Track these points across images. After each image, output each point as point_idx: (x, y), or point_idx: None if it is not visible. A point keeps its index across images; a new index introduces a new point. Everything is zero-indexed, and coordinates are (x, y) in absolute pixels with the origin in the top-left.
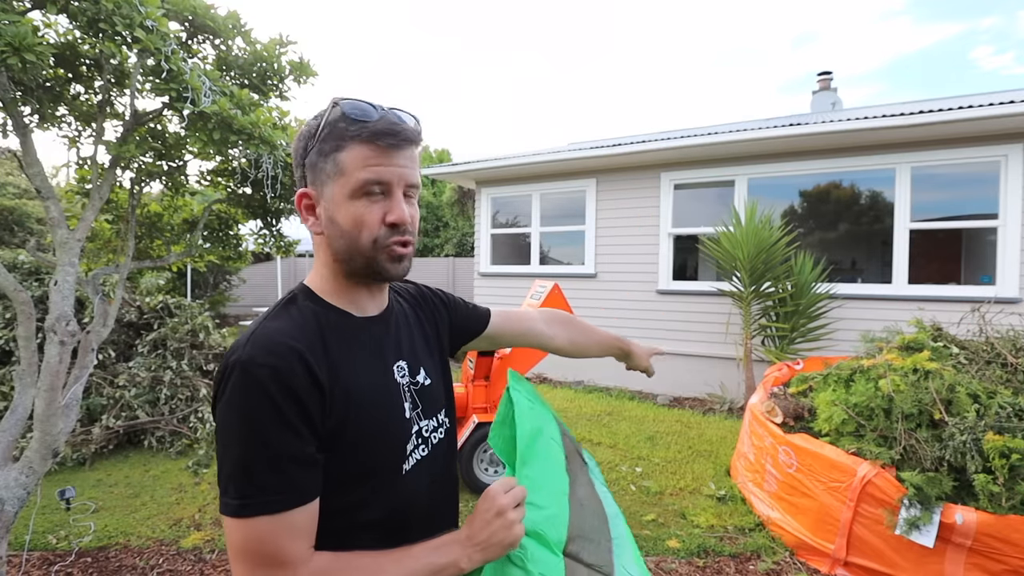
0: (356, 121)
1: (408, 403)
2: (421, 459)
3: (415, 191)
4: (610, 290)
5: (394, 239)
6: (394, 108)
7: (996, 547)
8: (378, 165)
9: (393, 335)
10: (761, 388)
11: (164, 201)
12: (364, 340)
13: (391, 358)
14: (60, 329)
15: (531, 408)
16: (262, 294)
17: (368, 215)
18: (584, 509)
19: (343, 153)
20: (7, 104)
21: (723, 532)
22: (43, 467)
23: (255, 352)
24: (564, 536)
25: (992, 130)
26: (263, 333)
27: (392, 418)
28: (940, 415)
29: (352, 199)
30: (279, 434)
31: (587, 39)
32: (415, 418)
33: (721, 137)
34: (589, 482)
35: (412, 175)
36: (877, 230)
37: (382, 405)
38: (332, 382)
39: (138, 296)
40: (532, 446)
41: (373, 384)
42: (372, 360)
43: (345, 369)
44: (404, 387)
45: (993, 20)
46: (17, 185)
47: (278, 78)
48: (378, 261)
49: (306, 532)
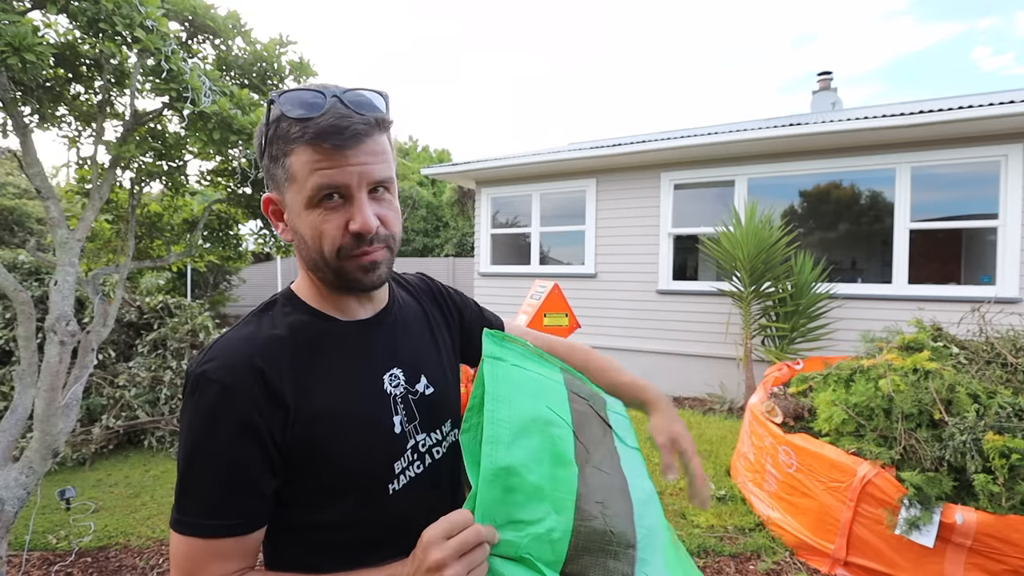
0: (297, 121)
1: (400, 416)
2: (416, 476)
3: (386, 186)
4: (610, 290)
5: (361, 249)
6: (351, 89)
7: (996, 547)
8: (329, 168)
9: (387, 339)
10: (761, 388)
11: (164, 201)
12: (349, 348)
13: (382, 366)
14: (60, 329)
15: (522, 378)
16: (262, 294)
17: (327, 225)
18: (598, 508)
19: (291, 158)
20: (7, 104)
21: (723, 532)
22: (43, 467)
23: (210, 366)
24: (563, 553)
25: (992, 130)
26: (225, 343)
27: (374, 434)
28: (940, 415)
29: (309, 208)
30: (218, 459)
31: (587, 39)
32: (409, 432)
33: (721, 137)
34: (612, 455)
35: (376, 171)
36: (877, 230)
37: (362, 420)
38: (299, 398)
39: (138, 296)
40: (519, 441)
41: (352, 397)
42: (355, 370)
43: (318, 382)
44: (396, 398)
45: (992, 21)
46: (17, 185)
47: (278, 78)
48: (346, 272)
49: (237, 556)
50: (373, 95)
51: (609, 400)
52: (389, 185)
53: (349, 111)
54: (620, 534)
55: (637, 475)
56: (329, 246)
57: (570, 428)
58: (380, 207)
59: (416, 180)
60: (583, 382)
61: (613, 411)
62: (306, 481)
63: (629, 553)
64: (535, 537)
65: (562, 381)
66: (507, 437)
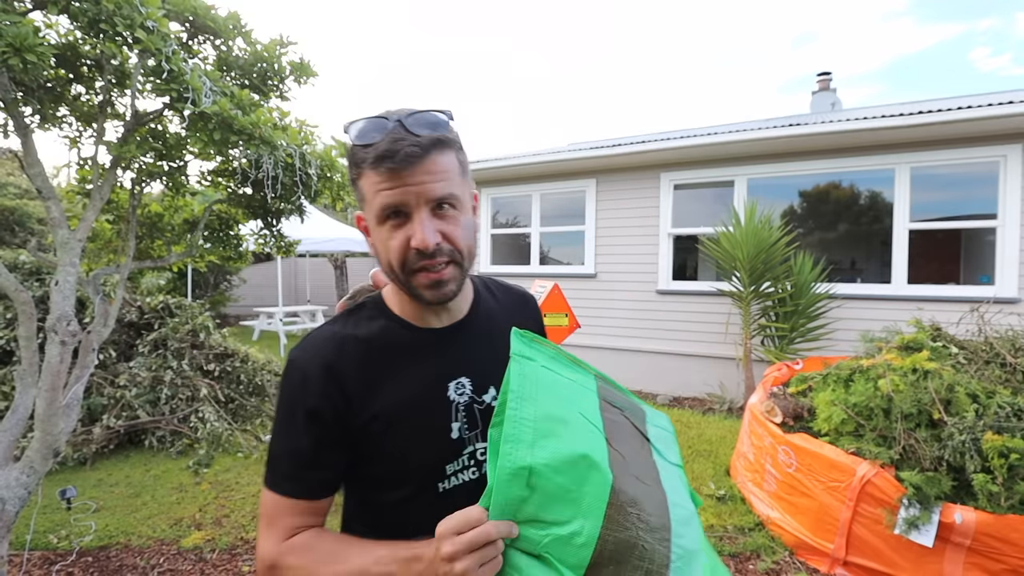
0: (363, 147)
1: (460, 423)
2: (469, 481)
3: (450, 203)
4: (610, 290)
5: (422, 263)
6: (414, 112)
7: (995, 546)
8: (389, 189)
9: (460, 350)
10: (761, 388)
11: (165, 201)
12: (418, 355)
13: (448, 374)
14: (61, 329)
15: (551, 380)
16: (262, 294)
17: (392, 241)
18: (631, 519)
19: (361, 181)
20: (8, 104)
21: (723, 532)
22: (44, 467)
23: (299, 354)
24: (587, 560)
25: (991, 130)
26: (313, 337)
27: (429, 435)
28: (939, 415)
29: (379, 225)
30: (292, 432)
31: (587, 39)
32: (469, 439)
33: (721, 137)
34: (651, 468)
35: (434, 189)
36: (876, 230)
37: (419, 422)
38: (363, 395)
39: (139, 296)
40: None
41: (412, 401)
42: (419, 376)
43: (382, 383)
44: (459, 405)
45: (991, 22)
46: (18, 185)
47: (278, 78)
48: (412, 287)
49: (306, 514)
50: (435, 116)
51: (650, 413)
52: (453, 201)
53: (407, 134)
54: (651, 551)
55: (677, 492)
56: (395, 260)
57: (602, 434)
58: (444, 223)
59: None
60: (621, 392)
61: (654, 424)
62: (365, 468)
63: (661, 573)
64: (556, 538)
65: (595, 388)
66: (529, 437)
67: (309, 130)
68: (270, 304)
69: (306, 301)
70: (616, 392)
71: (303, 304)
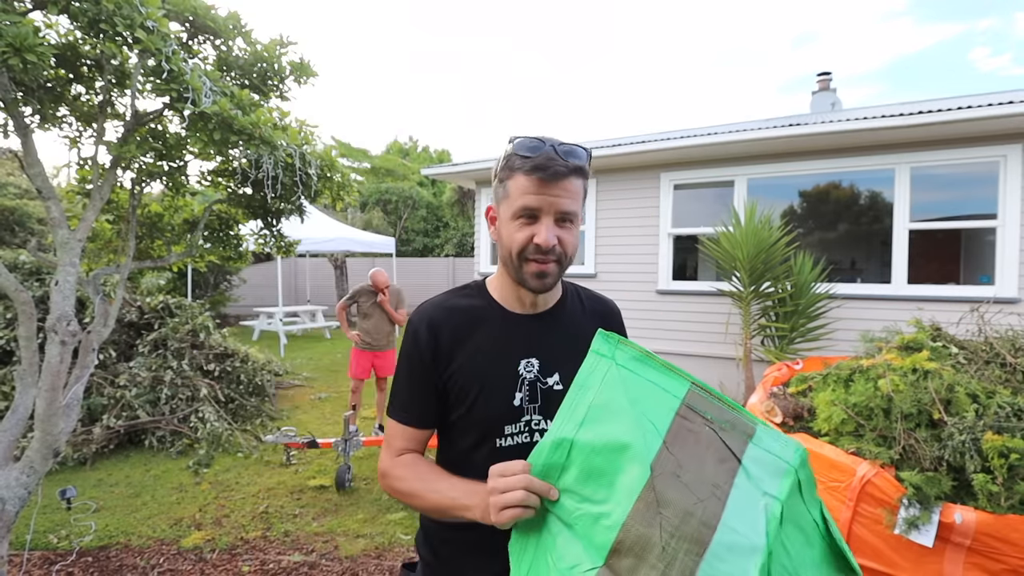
0: (522, 157)
1: (523, 394)
2: (522, 444)
3: (570, 218)
4: (610, 290)
5: (536, 256)
6: (564, 144)
7: (995, 546)
8: (533, 194)
9: (536, 335)
10: (760, 388)
11: (165, 201)
12: (501, 330)
13: (522, 352)
14: (61, 329)
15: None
16: (262, 294)
17: (519, 234)
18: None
19: (510, 182)
20: (8, 104)
21: None
22: (44, 467)
23: (415, 316)
24: (610, 543)
25: (991, 130)
26: (432, 302)
27: (494, 399)
28: (939, 415)
29: (512, 219)
30: (404, 375)
31: (587, 39)
32: (528, 409)
33: (721, 137)
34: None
35: (564, 204)
36: (876, 230)
37: (489, 384)
38: (451, 353)
39: (139, 296)
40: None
41: (486, 367)
42: (497, 348)
43: (467, 347)
44: (524, 380)
45: (990, 22)
46: (18, 185)
47: (278, 78)
48: (522, 273)
49: (412, 441)
50: (579, 149)
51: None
52: (573, 218)
53: (557, 157)
54: (673, 556)
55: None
56: (517, 248)
57: (660, 435)
58: (561, 231)
59: (416, 180)
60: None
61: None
62: (447, 413)
63: None
64: (587, 515)
65: (681, 395)
66: (579, 418)
67: (309, 130)
68: (270, 304)
69: (306, 301)
70: (717, 405)
71: (303, 304)
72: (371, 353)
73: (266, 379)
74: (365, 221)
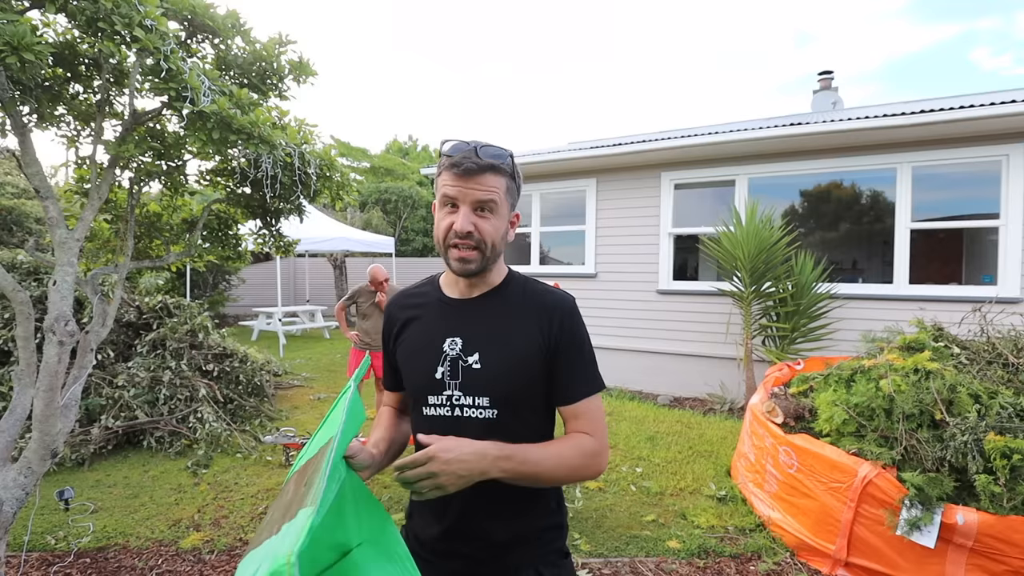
0: (446, 156)
1: (444, 368)
2: (441, 415)
3: (487, 207)
4: (610, 290)
5: (455, 242)
6: (486, 146)
7: (997, 548)
8: (451, 186)
9: (463, 317)
10: (762, 388)
11: (163, 201)
12: (435, 313)
13: (446, 332)
14: (59, 329)
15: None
16: (261, 294)
17: (443, 222)
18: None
19: (438, 178)
20: (6, 103)
21: (724, 533)
22: (42, 467)
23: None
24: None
25: (993, 130)
26: (397, 292)
27: (419, 371)
28: (941, 415)
29: (439, 209)
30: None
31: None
32: (449, 384)
33: (721, 137)
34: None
35: (478, 195)
36: (878, 230)
37: (415, 357)
38: (399, 330)
39: (137, 296)
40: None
41: (417, 342)
42: (429, 327)
43: (411, 327)
44: (447, 357)
45: (991, 21)
46: (16, 185)
47: (277, 77)
48: (447, 258)
49: (388, 398)
50: (498, 149)
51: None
52: (491, 207)
53: (473, 155)
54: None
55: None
56: (441, 235)
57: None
58: (479, 220)
59: (416, 179)
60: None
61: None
62: (401, 382)
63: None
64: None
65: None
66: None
67: (308, 129)
68: (269, 304)
69: (305, 301)
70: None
71: (302, 304)
72: (370, 353)
73: (265, 379)
74: (364, 221)
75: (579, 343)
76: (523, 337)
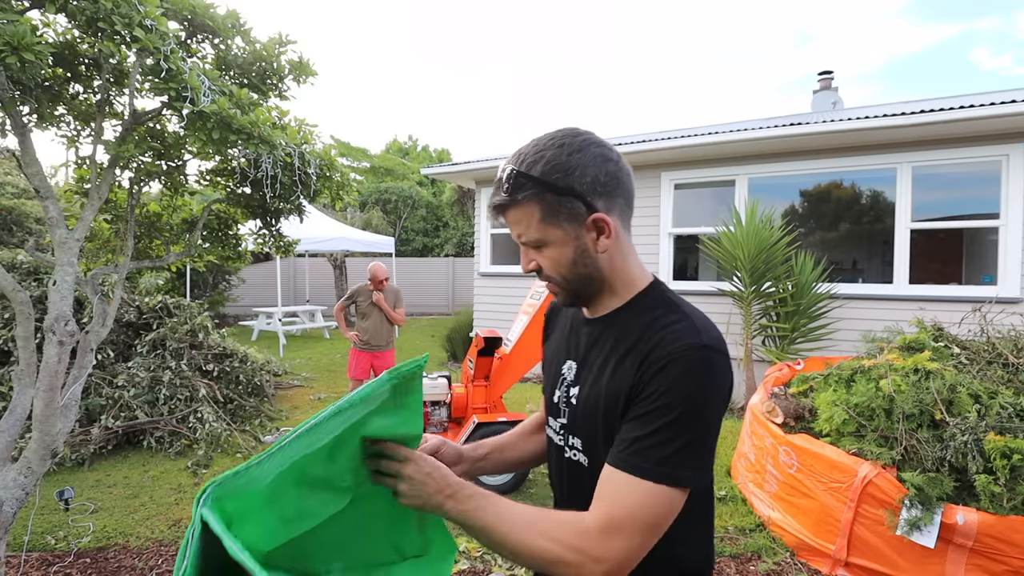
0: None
1: (560, 392)
2: (556, 445)
3: (533, 245)
4: None
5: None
6: (508, 167)
7: (997, 548)
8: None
9: (582, 340)
10: (761, 388)
11: (163, 201)
12: (567, 327)
13: (567, 353)
14: (59, 329)
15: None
16: (262, 294)
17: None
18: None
19: None
20: (6, 103)
21: (723, 533)
22: (42, 467)
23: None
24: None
25: (993, 130)
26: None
27: (546, 384)
28: (941, 415)
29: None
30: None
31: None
32: (563, 412)
33: (721, 137)
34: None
35: (518, 232)
36: (878, 230)
37: (546, 370)
38: (548, 332)
39: (137, 296)
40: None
41: (550, 354)
42: (559, 342)
43: (554, 330)
44: (563, 379)
45: (991, 21)
46: (16, 185)
47: (277, 77)
48: None
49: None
50: (518, 178)
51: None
52: (536, 244)
53: (498, 192)
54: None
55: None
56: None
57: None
58: (536, 255)
59: (416, 179)
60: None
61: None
62: None
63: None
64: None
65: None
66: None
67: (308, 129)
68: (269, 304)
69: (305, 301)
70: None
71: (302, 304)
72: (370, 354)
73: (265, 379)
74: (365, 221)
75: (666, 404)
76: (621, 374)
